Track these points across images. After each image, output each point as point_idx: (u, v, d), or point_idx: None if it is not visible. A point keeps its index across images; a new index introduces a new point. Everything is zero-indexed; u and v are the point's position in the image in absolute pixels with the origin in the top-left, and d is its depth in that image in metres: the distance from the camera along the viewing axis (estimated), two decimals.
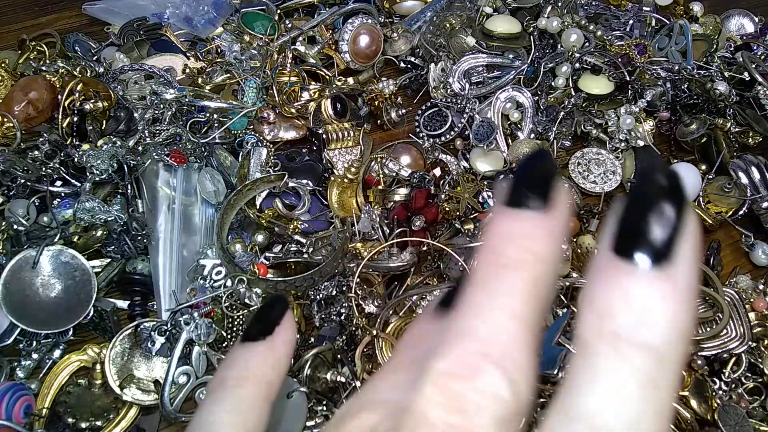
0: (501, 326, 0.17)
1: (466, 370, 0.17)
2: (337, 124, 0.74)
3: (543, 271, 0.18)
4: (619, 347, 0.15)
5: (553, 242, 0.18)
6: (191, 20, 0.85)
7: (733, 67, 0.83)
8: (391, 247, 0.63)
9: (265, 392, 0.26)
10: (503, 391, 0.16)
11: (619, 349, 0.15)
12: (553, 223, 0.18)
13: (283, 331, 0.28)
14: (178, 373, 0.54)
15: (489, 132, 0.76)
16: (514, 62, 0.82)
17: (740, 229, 0.75)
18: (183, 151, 0.66)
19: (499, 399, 0.16)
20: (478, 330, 0.17)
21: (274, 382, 0.27)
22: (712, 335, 0.58)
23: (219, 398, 0.26)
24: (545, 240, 0.18)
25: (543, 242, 0.18)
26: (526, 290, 0.17)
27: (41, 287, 0.56)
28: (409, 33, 0.88)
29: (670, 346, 0.15)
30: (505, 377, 0.16)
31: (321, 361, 0.56)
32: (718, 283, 0.62)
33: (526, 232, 0.18)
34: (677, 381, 0.16)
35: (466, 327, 0.18)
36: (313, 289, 0.60)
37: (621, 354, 0.15)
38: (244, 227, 0.67)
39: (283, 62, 0.79)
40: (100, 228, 0.60)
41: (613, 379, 0.15)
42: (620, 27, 0.92)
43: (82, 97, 0.66)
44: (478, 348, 0.17)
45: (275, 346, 0.27)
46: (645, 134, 0.79)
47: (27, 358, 0.56)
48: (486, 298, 0.18)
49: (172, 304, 0.59)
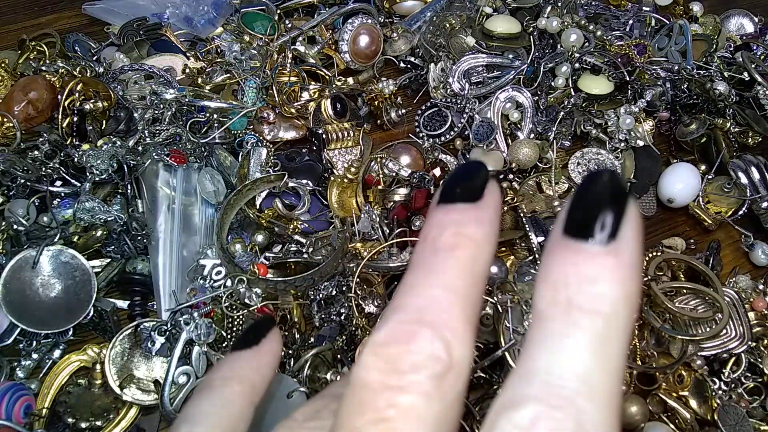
0: (435, 297, 0.19)
1: (402, 336, 0.18)
2: (337, 124, 0.74)
3: (475, 252, 0.20)
4: (570, 313, 0.17)
5: (483, 227, 0.20)
6: (191, 20, 0.85)
7: (732, 67, 0.83)
8: (391, 247, 0.63)
9: (248, 393, 0.28)
10: (438, 351, 0.18)
11: (570, 314, 0.17)
12: (483, 213, 0.20)
13: (268, 342, 0.31)
14: (178, 373, 0.55)
15: (489, 132, 0.76)
16: (513, 62, 0.82)
17: (740, 229, 0.75)
18: (183, 151, 0.66)
19: (433, 357, 0.18)
20: (413, 302, 0.19)
21: (257, 385, 0.29)
22: (712, 335, 0.58)
23: (204, 395, 0.28)
24: (476, 225, 0.20)
25: (474, 227, 0.20)
26: (459, 267, 0.19)
27: (41, 287, 0.56)
28: (409, 33, 0.88)
29: (617, 311, 0.17)
30: (439, 338, 0.18)
31: (321, 361, 0.56)
32: (718, 283, 0.62)
33: (458, 219, 0.20)
34: (624, 342, 0.17)
35: (403, 302, 0.19)
36: (313, 289, 0.60)
37: (572, 318, 0.17)
38: (244, 227, 0.67)
39: (283, 62, 0.80)
40: (100, 228, 0.60)
41: (565, 339, 0.17)
42: (620, 27, 0.92)
43: (82, 97, 0.66)
44: (414, 317, 0.19)
45: (260, 354, 0.30)
46: (645, 134, 0.79)
47: (27, 358, 0.56)
48: (421, 275, 0.20)
49: (172, 304, 0.59)
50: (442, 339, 0.18)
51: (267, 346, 0.31)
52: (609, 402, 0.17)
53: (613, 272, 0.17)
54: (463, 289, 0.19)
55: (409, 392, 0.18)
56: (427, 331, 0.18)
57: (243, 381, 0.29)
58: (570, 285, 0.17)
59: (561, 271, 0.18)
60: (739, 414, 0.56)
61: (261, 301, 0.58)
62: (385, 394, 0.18)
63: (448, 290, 0.19)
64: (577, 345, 0.17)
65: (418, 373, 0.18)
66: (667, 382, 0.59)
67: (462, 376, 0.18)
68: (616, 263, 0.17)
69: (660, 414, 0.58)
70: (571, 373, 0.17)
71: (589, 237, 0.18)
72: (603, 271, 0.17)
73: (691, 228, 0.76)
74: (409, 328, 0.18)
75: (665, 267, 0.65)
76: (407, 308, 0.19)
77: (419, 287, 0.20)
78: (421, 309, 0.19)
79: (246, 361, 0.30)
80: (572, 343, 0.17)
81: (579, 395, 0.16)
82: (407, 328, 0.18)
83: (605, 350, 0.17)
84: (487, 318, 0.59)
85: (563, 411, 0.16)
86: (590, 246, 0.18)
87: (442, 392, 0.18)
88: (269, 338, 0.31)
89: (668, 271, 0.65)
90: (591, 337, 0.17)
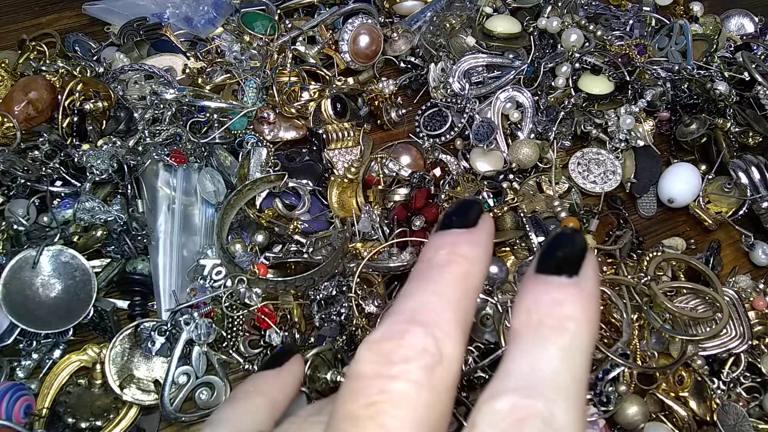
0: (427, 302, 0.21)
1: (395, 333, 0.20)
2: (337, 124, 0.74)
3: (469, 268, 0.22)
4: (541, 330, 0.21)
5: (476, 248, 0.23)
6: (191, 20, 0.85)
7: (733, 67, 0.83)
8: (391, 247, 0.63)
9: (269, 406, 0.31)
10: (428, 346, 0.20)
11: (541, 331, 0.21)
12: (476, 236, 0.23)
13: (290, 365, 0.34)
14: (178, 373, 0.55)
15: (489, 132, 0.76)
16: (514, 62, 0.82)
17: (740, 229, 0.74)
18: (183, 151, 0.66)
19: (424, 351, 0.20)
20: (407, 306, 0.21)
21: (278, 401, 0.32)
22: (712, 335, 0.58)
23: (228, 404, 0.31)
24: (469, 246, 0.23)
25: (467, 247, 0.23)
26: (452, 279, 0.22)
27: (41, 287, 0.56)
28: (409, 33, 0.88)
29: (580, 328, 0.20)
30: (430, 335, 0.20)
31: (321, 361, 0.56)
32: (718, 283, 0.62)
33: (452, 241, 0.23)
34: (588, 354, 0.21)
35: (398, 307, 0.22)
36: (313, 289, 0.60)
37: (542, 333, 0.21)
38: (244, 227, 0.67)
39: (283, 62, 0.80)
40: (100, 228, 0.60)
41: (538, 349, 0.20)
42: (620, 27, 0.92)
43: (82, 97, 0.66)
44: (407, 317, 0.21)
45: (282, 374, 0.34)
46: (645, 134, 0.79)
47: (27, 358, 0.56)
48: (416, 286, 0.22)
49: (172, 304, 0.59)
50: (432, 336, 0.20)
51: (288, 368, 0.34)
52: (575, 399, 0.19)
53: (576, 298, 0.21)
54: (455, 299, 0.21)
55: (400, 380, 0.19)
56: (418, 328, 0.20)
57: (264, 395, 0.32)
58: (541, 308, 0.21)
59: (533, 299, 0.21)
60: (739, 414, 0.56)
61: (261, 301, 0.58)
62: (377, 381, 0.19)
63: (440, 297, 0.21)
64: (547, 353, 0.20)
65: (409, 364, 0.19)
66: (667, 382, 0.59)
67: (452, 370, 0.20)
68: (579, 291, 0.21)
69: (657, 413, 0.58)
70: (543, 372, 0.20)
71: (557, 273, 0.22)
72: (568, 296, 0.21)
73: (692, 228, 0.76)
74: (402, 327, 0.20)
75: (666, 267, 0.65)
76: (402, 311, 0.21)
77: (414, 294, 0.22)
78: (414, 311, 0.21)
79: (269, 379, 0.33)
80: (543, 352, 0.20)
81: (549, 389, 0.19)
82: (401, 327, 0.20)
83: (571, 358, 0.20)
84: (487, 318, 0.59)
85: (535, 400, 0.19)
86: (558, 278, 0.21)
87: (432, 383, 0.19)
88: (291, 362, 0.35)
89: (668, 271, 0.65)
90: (559, 348, 0.20)
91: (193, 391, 0.55)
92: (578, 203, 0.73)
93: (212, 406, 0.55)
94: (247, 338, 0.59)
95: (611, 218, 0.73)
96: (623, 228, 0.71)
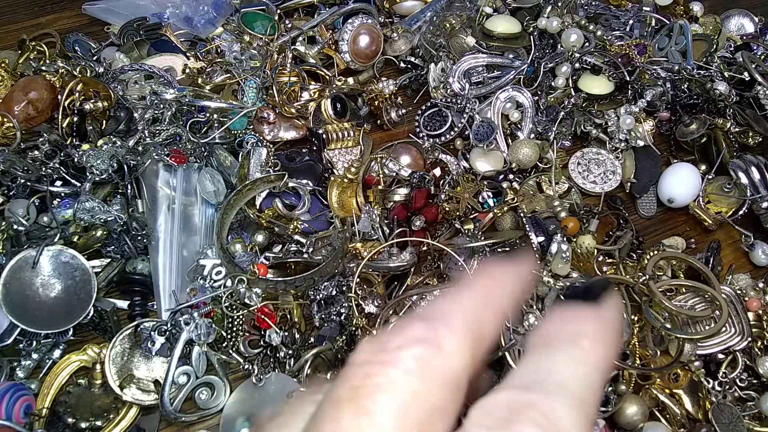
0: (442, 305, 0.22)
1: (397, 328, 0.20)
2: (337, 124, 0.74)
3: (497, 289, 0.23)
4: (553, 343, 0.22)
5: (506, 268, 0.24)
6: (191, 20, 0.85)
7: (733, 67, 0.83)
8: (391, 247, 0.63)
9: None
10: (426, 337, 0.20)
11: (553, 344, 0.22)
12: (517, 268, 0.25)
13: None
14: (178, 373, 0.55)
15: (489, 132, 0.76)
16: (514, 62, 0.82)
17: (740, 229, 0.74)
18: (183, 151, 0.66)
19: (419, 340, 0.20)
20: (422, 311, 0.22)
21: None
22: (712, 333, 0.58)
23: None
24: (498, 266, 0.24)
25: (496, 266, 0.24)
26: (475, 294, 0.22)
27: (41, 287, 0.56)
28: (409, 33, 0.88)
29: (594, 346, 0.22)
30: (432, 328, 0.20)
31: (321, 361, 0.57)
32: (716, 282, 0.62)
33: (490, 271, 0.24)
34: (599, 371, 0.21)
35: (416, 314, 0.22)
36: (313, 289, 0.60)
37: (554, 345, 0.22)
38: (244, 227, 0.67)
39: (283, 62, 0.79)
40: (100, 228, 0.60)
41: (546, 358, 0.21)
42: (620, 27, 0.92)
43: (82, 97, 0.66)
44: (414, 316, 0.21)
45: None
46: (645, 134, 0.79)
47: (27, 358, 0.56)
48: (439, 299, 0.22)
49: (172, 304, 0.59)
50: (434, 330, 0.20)
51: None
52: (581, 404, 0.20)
53: (592, 320, 0.23)
54: (473, 307, 0.22)
55: (390, 366, 0.19)
56: (421, 323, 0.20)
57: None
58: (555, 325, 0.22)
59: (550, 321, 0.23)
60: (734, 414, 0.56)
61: (261, 301, 0.58)
62: (367, 367, 0.19)
63: (457, 304, 0.22)
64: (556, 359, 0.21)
65: (402, 352, 0.19)
66: (662, 379, 0.59)
67: (451, 365, 0.20)
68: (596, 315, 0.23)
69: (652, 408, 0.58)
70: (548, 374, 0.20)
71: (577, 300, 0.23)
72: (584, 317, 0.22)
73: (692, 228, 0.76)
74: (407, 322, 0.20)
75: (665, 266, 0.65)
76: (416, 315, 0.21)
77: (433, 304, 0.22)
78: (423, 311, 0.21)
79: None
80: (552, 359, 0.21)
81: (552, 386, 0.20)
82: (404, 322, 0.21)
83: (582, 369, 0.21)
84: None
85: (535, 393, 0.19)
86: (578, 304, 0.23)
87: (425, 372, 0.19)
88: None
89: (668, 271, 0.65)
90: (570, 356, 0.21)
91: (193, 391, 0.55)
92: (578, 203, 0.73)
93: (212, 406, 0.55)
94: (247, 338, 0.59)
95: (611, 218, 0.73)
96: (623, 228, 0.71)
